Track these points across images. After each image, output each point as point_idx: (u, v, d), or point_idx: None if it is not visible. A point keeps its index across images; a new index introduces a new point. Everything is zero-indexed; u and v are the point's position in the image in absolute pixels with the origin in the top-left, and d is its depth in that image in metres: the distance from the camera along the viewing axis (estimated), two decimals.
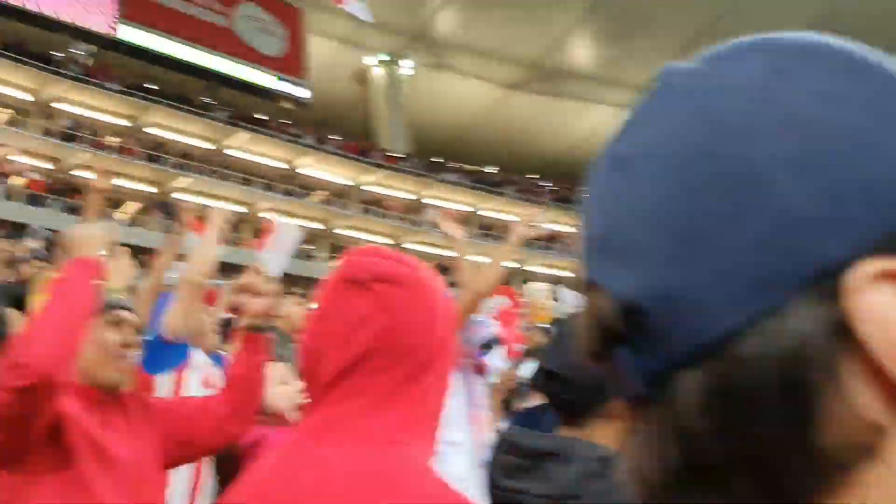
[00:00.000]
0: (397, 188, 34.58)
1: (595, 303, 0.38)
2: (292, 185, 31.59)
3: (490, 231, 35.08)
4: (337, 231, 31.97)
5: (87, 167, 24.67)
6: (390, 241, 32.16)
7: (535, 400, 3.90)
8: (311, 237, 31.69)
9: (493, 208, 36.14)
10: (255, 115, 32.74)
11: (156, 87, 29.96)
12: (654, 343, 0.35)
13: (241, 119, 31.53)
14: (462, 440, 3.47)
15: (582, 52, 39.16)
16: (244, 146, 31.04)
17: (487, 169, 39.16)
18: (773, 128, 0.34)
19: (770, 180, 0.33)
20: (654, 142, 0.37)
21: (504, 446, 1.48)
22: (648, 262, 0.35)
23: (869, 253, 0.32)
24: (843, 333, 0.32)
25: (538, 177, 40.28)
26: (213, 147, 30.81)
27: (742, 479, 0.33)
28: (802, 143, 0.34)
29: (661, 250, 0.35)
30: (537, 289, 6.85)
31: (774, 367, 0.32)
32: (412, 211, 34.41)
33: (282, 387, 2.84)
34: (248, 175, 30.64)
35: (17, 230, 17.23)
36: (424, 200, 34.88)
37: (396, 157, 35.22)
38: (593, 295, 0.38)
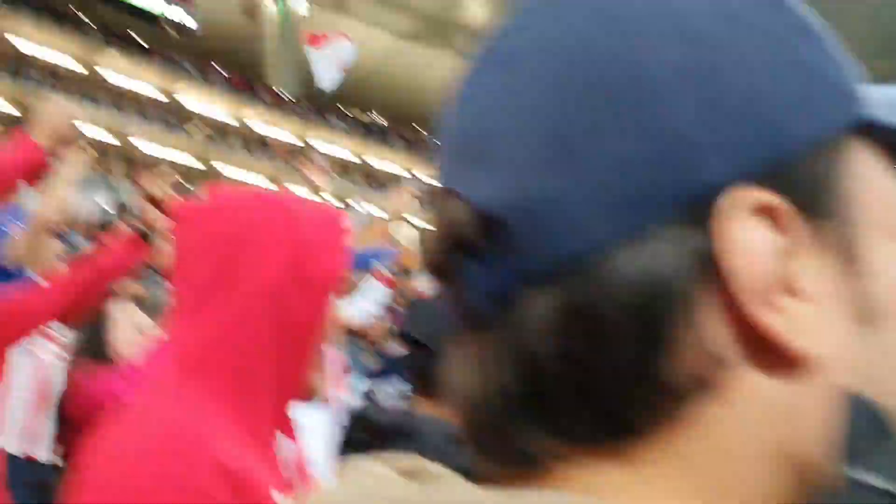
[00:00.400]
0: (283, 128, 33.67)
1: (449, 212, 0.34)
2: (170, 116, 30.16)
3: (376, 180, 34.79)
4: (217, 168, 30.87)
5: None
6: (271, 183, 31.38)
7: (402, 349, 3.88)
8: (190, 174, 30.48)
9: (380, 157, 35.77)
10: (133, 36, 30.90)
11: None
12: (509, 257, 0.32)
13: (116, 38, 29.69)
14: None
15: (478, 8, 39.01)
16: (118, 67, 29.24)
17: (377, 119, 38.66)
18: (670, 34, 0.32)
19: (657, 90, 0.31)
20: (544, 38, 0.34)
21: (357, 423, 1.38)
22: (514, 169, 0.33)
23: (748, 182, 0.31)
24: (706, 262, 0.31)
25: (425, 130, 40.08)
26: (83, 67, 28.92)
27: (580, 409, 0.32)
28: (697, 54, 0.32)
29: (531, 156, 0.32)
30: (409, 233, 6.81)
31: (631, 290, 0.30)
32: (296, 153, 33.62)
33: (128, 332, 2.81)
34: (121, 100, 29.00)
35: None
36: (310, 142, 34.12)
37: (284, 97, 34.22)
38: (448, 204, 0.34)
